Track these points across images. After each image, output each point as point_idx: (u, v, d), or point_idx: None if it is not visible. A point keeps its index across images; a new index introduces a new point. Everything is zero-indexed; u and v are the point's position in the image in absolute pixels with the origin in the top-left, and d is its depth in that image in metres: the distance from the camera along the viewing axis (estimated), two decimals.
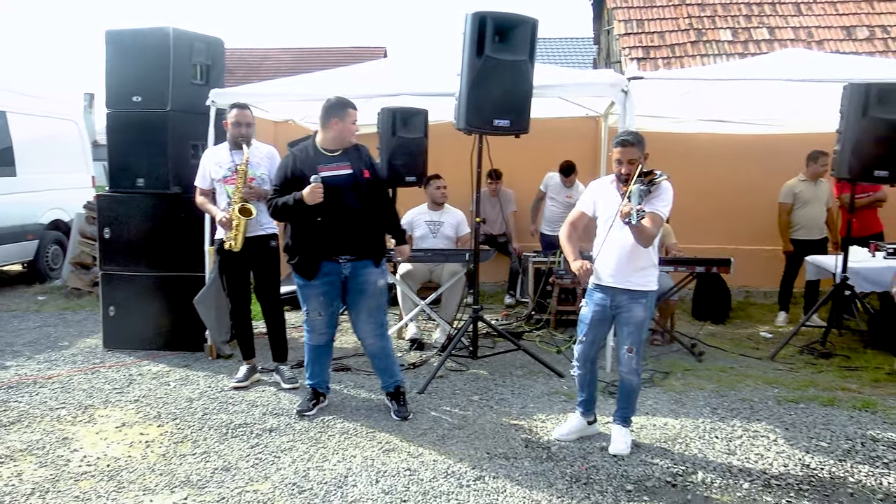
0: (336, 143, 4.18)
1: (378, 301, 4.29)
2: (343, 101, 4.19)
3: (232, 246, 4.70)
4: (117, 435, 4.06)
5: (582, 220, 3.96)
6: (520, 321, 6.87)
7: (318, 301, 4.24)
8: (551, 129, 7.19)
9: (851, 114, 5.29)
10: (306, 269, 4.17)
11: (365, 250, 4.22)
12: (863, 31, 10.49)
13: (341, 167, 4.15)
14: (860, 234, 6.46)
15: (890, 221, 7.09)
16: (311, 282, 4.19)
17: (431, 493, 3.36)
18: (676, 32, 10.97)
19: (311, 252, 4.14)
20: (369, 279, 4.22)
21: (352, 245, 4.17)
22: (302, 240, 4.15)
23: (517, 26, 4.71)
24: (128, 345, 5.76)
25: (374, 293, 4.25)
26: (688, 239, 6.91)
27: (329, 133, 4.17)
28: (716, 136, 7.86)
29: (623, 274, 3.74)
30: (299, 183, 4.08)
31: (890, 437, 3.99)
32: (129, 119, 5.71)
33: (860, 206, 6.53)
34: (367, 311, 4.26)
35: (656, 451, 3.83)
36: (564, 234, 3.95)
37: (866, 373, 5.27)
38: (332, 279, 4.20)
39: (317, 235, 4.12)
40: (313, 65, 22.89)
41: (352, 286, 4.23)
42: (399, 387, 4.39)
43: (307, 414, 4.31)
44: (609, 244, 3.76)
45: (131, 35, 5.76)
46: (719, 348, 5.94)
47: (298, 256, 4.17)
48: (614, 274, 3.76)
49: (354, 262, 4.19)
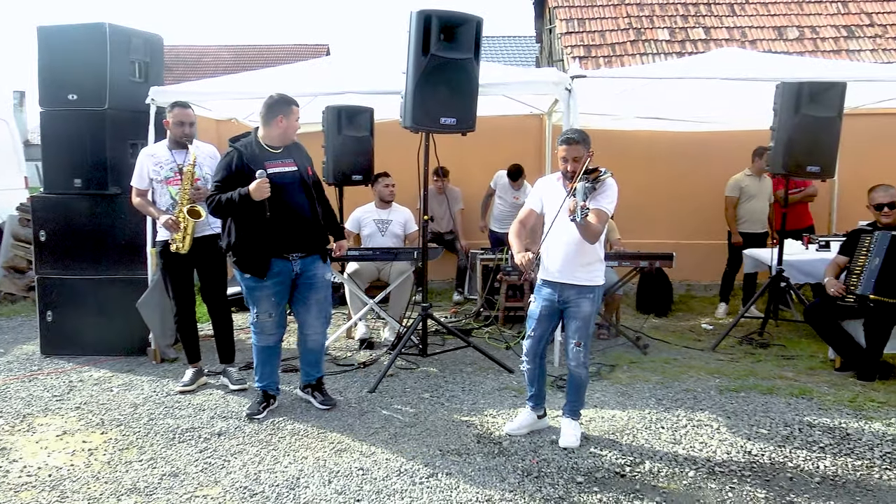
0: (280, 141, 4.18)
1: (326, 294, 4.38)
2: (287, 98, 4.18)
3: (179, 248, 4.62)
4: (58, 444, 3.94)
5: (531, 217, 4.01)
6: (468, 318, 6.91)
7: (269, 302, 4.20)
8: (496, 127, 7.24)
9: (784, 111, 5.47)
10: (258, 268, 4.11)
11: (313, 246, 4.26)
12: (793, 32, 10.87)
13: (286, 164, 4.16)
14: (793, 228, 6.71)
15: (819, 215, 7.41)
16: (262, 282, 4.13)
17: (385, 491, 3.36)
18: (616, 31, 11.20)
19: (262, 250, 4.09)
20: (317, 273, 4.28)
21: (302, 242, 4.20)
22: (250, 238, 4.09)
23: (462, 25, 4.73)
24: (67, 350, 5.59)
25: (322, 286, 4.33)
26: (630, 234, 7.07)
27: (274, 130, 4.14)
28: (654, 134, 8.05)
29: (570, 269, 3.80)
30: (244, 178, 4.02)
31: (825, 423, 4.15)
32: (65, 118, 5.54)
33: (793, 201, 6.77)
34: (318, 305, 4.32)
35: (605, 443, 3.90)
36: (513, 231, 3.99)
37: (802, 361, 5.47)
38: (282, 278, 4.18)
39: (267, 233, 4.07)
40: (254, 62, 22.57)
41: (301, 282, 4.26)
42: (321, 377, 4.52)
43: (257, 417, 4.25)
44: (556, 240, 3.81)
45: (65, 31, 5.58)
46: (663, 341, 6.09)
47: (248, 255, 4.10)
48: (561, 269, 3.82)
49: (304, 258, 4.22)
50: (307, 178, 4.22)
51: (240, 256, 4.12)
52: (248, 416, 4.25)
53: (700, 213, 8.02)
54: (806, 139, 5.42)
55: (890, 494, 3.32)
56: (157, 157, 4.77)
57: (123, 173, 5.53)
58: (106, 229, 5.56)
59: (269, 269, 4.12)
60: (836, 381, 4.95)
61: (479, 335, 6.25)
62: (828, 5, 11.27)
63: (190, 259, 4.71)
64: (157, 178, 4.75)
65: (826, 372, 5.18)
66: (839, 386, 4.82)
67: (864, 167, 7.14)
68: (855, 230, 5.32)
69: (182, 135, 4.73)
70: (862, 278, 4.96)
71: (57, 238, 5.60)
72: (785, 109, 5.46)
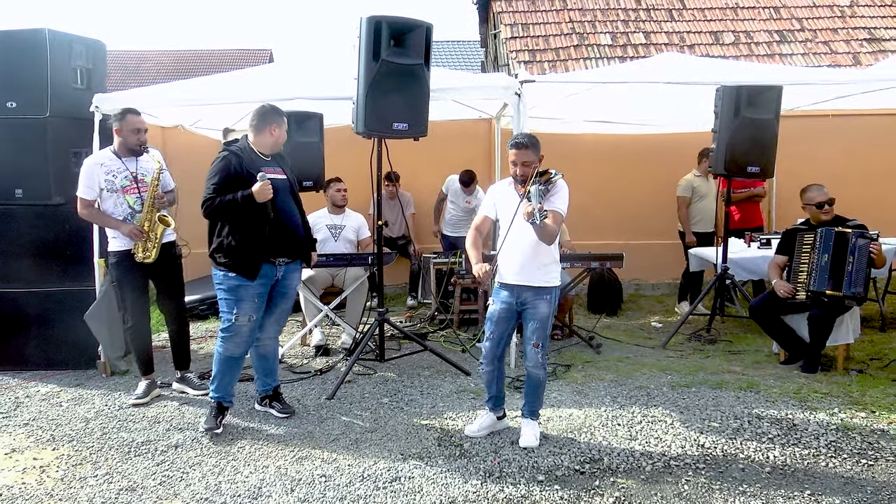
0: (270, 149, 4.26)
1: (291, 304, 4.49)
2: (277, 109, 4.30)
3: (147, 258, 4.57)
4: (8, 462, 3.82)
5: (486, 224, 4.08)
6: (423, 322, 6.93)
7: (252, 304, 4.12)
8: (446, 132, 7.28)
9: (725, 114, 5.64)
10: (249, 269, 4.08)
11: (300, 253, 4.38)
12: (729, 36, 11.23)
13: (277, 171, 4.24)
14: (742, 227, 6.93)
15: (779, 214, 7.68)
16: (250, 282, 4.08)
17: (349, 497, 3.36)
18: (560, 36, 11.38)
19: (258, 253, 4.10)
20: (293, 283, 4.41)
21: (291, 248, 4.29)
22: (248, 240, 4.08)
23: (412, 31, 4.75)
24: (11, 366, 5.40)
25: (292, 296, 4.46)
26: (579, 236, 7.19)
27: (266, 139, 4.22)
28: (600, 137, 8.21)
29: (527, 272, 3.86)
30: (242, 182, 4.05)
31: (772, 415, 4.30)
32: (4, 126, 5.36)
33: (739, 199, 6.99)
34: (281, 313, 4.43)
35: (563, 442, 3.97)
36: (470, 240, 4.04)
37: (748, 356, 5.66)
38: (265, 281, 4.19)
39: (265, 236, 4.10)
40: (196, 68, 22.21)
41: (277, 289, 4.30)
42: (278, 387, 4.52)
43: (216, 431, 4.11)
44: (511, 243, 3.87)
45: (3, 37, 5.40)
46: (615, 339, 6.22)
47: (243, 257, 4.07)
48: (518, 272, 3.87)
49: (288, 265, 4.30)
50: (295, 185, 4.40)
51: (233, 258, 4.07)
52: (206, 431, 4.13)
53: (646, 214, 8.21)
54: (746, 140, 5.61)
55: (836, 481, 3.46)
56: (106, 165, 4.65)
57: (67, 182, 5.37)
58: (50, 240, 5.41)
59: (259, 271, 4.13)
60: (782, 374, 5.13)
61: (435, 339, 6.28)
62: (761, 10, 11.67)
63: (147, 268, 4.63)
64: (111, 188, 4.63)
65: (771, 365, 5.37)
66: (784, 379, 5.00)
67: (799, 167, 7.42)
68: (790, 230, 5.50)
69: (138, 142, 4.66)
70: (814, 275, 5.11)
71: None
72: (725, 112, 5.63)
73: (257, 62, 21.84)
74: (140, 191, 4.66)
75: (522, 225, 3.72)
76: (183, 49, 27.26)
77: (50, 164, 5.36)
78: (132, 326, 4.78)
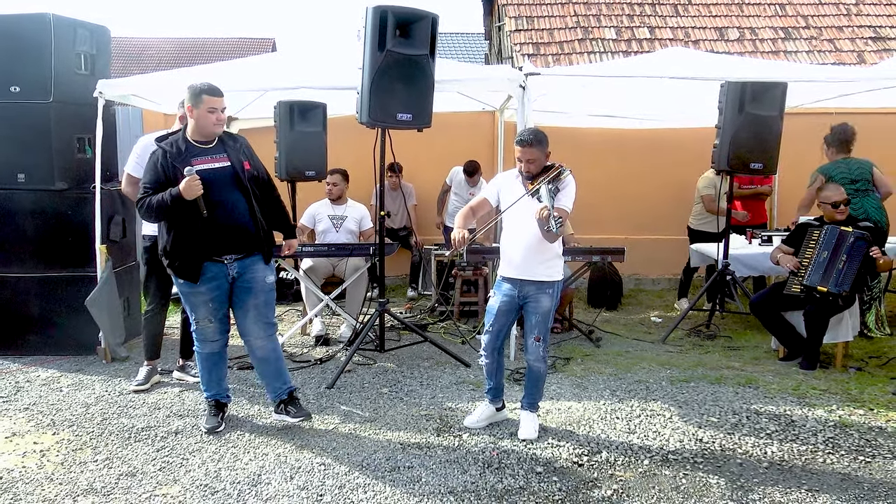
0: (202, 135, 3.86)
1: (266, 298, 4.01)
2: (200, 86, 3.82)
3: None
4: (8, 445, 3.83)
5: (483, 206, 4.02)
6: (423, 313, 6.94)
7: (207, 308, 3.91)
8: (449, 124, 7.28)
9: (729, 110, 5.64)
10: (189, 272, 3.82)
11: (252, 246, 3.93)
12: (734, 32, 11.20)
13: (217, 160, 3.84)
14: (747, 224, 6.91)
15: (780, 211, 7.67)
16: (196, 287, 3.85)
17: (348, 486, 3.37)
18: (564, 30, 11.35)
19: (194, 253, 3.81)
20: (257, 276, 3.94)
21: (237, 243, 3.88)
22: (182, 241, 3.80)
23: (418, 21, 4.74)
24: (12, 351, 5.42)
25: (261, 290, 3.96)
26: (581, 230, 7.17)
27: (192, 123, 3.86)
28: (604, 131, 8.20)
29: (530, 266, 3.85)
30: (170, 180, 3.75)
31: (771, 410, 4.32)
32: (7, 111, 5.35)
33: (745, 196, 6.98)
34: (256, 310, 3.96)
35: (562, 434, 3.98)
36: (462, 212, 3.97)
37: (747, 352, 5.67)
38: (219, 283, 3.89)
39: (198, 235, 3.79)
40: (198, 55, 22.17)
41: (239, 285, 3.94)
42: (293, 391, 4.11)
43: (218, 430, 3.99)
44: (515, 237, 3.86)
45: (6, 21, 5.37)
46: (615, 334, 6.23)
47: (181, 259, 3.82)
48: (521, 266, 3.86)
49: (242, 260, 3.91)
50: (242, 173, 3.86)
51: (172, 260, 3.85)
52: (208, 431, 3.97)
53: (648, 209, 8.21)
54: (750, 137, 5.61)
55: (833, 477, 3.48)
56: None
57: (70, 168, 5.43)
58: (52, 225, 5.41)
59: (203, 274, 3.83)
60: (780, 370, 5.14)
61: (435, 330, 6.30)
62: (766, 7, 11.65)
63: None
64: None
65: (770, 361, 5.38)
66: (783, 375, 5.01)
67: (802, 165, 7.39)
68: (802, 223, 5.49)
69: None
70: (810, 270, 5.14)
71: (0, 235, 5.42)
72: (729, 108, 5.63)
73: (260, 51, 21.80)
74: None
75: (525, 220, 3.71)
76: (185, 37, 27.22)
77: (53, 149, 5.36)
78: (151, 310, 4.76)
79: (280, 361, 4.09)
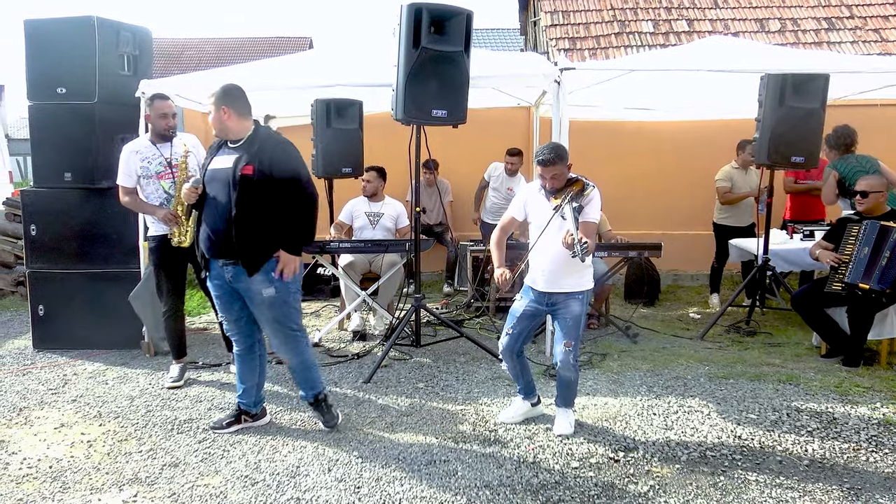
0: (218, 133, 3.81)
1: (274, 314, 3.78)
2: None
3: (182, 242, 4.61)
4: (57, 436, 3.95)
5: (512, 224, 4.06)
6: (459, 309, 6.96)
7: (218, 302, 3.94)
8: (484, 120, 7.29)
9: (769, 103, 5.54)
10: (197, 261, 3.94)
11: (227, 252, 3.72)
12: (775, 24, 10.99)
13: (227, 161, 3.73)
14: (802, 219, 6.79)
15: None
16: (208, 279, 3.90)
17: (385, 478, 3.41)
18: (601, 24, 11.27)
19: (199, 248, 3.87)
20: (251, 288, 3.72)
21: (222, 248, 3.73)
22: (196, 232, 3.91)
23: (452, 18, 4.75)
24: (59, 344, 5.59)
25: (260, 303, 3.75)
26: (617, 225, 7.13)
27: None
28: (640, 125, 8.13)
29: (556, 281, 3.81)
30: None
31: (812, 408, 4.25)
32: (54, 111, 5.51)
33: (800, 191, 6.87)
34: (266, 323, 3.84)
35: (598, 430, 3.97)
36: (494, 240, 4.02)
37: (788, 348, 5.58)
38: (220, 283, 3.84)
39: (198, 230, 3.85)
40: (237, 55, 22.47)
41: (242, 293, 3.81)
42: (318, 395, 3.98)
43: (218, 430, 3.97)
44: (542, 252, 3.82)
45: (53, 25, 5.55)
46: (652, 330, 6.18)
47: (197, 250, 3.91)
48: (548, 280, 3.83)
49: (233, 266, 3.74)
50: (235, 177, 3.64)
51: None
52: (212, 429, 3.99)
53: (686, 203, 8.12)
54: (790, 130, 5.50)
55: (876, 476, 3.41)
56: (141, 153, 4.76)
57: (114, 167, 5.50)
58: (97, 223, 5.56)
59: (210, 270, 3.86)
60: (822, 367, 5.05)
61: (471, 326, 6.31)
62: None
63: (186, 252, 4.71)
64: (146, 174, 4.74)
65: (812, 358, 5.29)
66: (825, 372, 4.93)
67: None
68: (842, 218, 5.40)
69: (166, 127, 4.75)
70: (851, 267, 5.04)
71: (48, 232, 5.59)
72: (769, 101, 5.52)
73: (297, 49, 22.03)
74: (174, 176, 4.73)
75: (552, 235, 3.69)
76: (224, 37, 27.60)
77: (97, 148, 5.49)
78: (167, 310, 4.84)
79: (307, 371, 3.94)
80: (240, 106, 3.77)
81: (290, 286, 3.80)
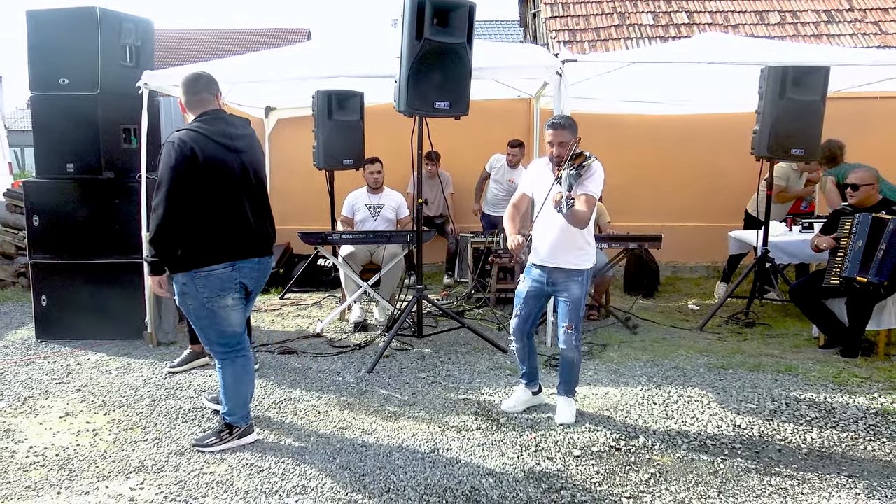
0: None
1: (192, 319, 3.59)
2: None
3: None
4: (62, 424, 3.98)
5: (524, 201, 4.08)
6: (460, 300, 6.99)
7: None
8: (485, 111, 7.28)
9: (769, 95, 5.57)
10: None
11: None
12: (774, 16, 10.99)
13: None
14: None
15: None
16: None
17: (388, 466, 3.45)
18: (600, 16, 11.25)
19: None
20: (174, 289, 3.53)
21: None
22: None
23: (455, 9, 4.76)
24: (62, 335, 5.62)
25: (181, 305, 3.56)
26: (617, 217, 7.17)
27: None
28: (641, 117, 8.15)
29: (559, 253, 3.87)
30: None
31: (811, 398, 4.29)
32: (57, 102, 5.51)
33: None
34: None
35: (600, 419, 4.01)
36: (507, 215, 4.06)
37: (787, 339, 5.62)
38: None
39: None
40: (235, 46, 22.43)
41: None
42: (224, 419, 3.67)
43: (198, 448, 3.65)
44: (544, 225, 3.87)
45: (55, 15, 5.53)
46: (651, 321, 6.22)
47: None
48: (550, 253, 3.88)
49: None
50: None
51: None
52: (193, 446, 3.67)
53: (686, 196, 8.15)
54: (790, 122, 5.53)
55: (874, 463, 3.46)
56: None
57: (116, 158, 5.56)
58: (99, 214, 5.57)
59: None
60: (821, 358, 5.10)
61: (472, 317, 6.35)
62: None
63: None
64: None
65: (810, 349, 5.33)
66: (824, 363, 4.97)
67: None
68: (835, 211, 5.45)
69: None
70: (847, 261, 5.08)
71: (50, 223, 5.61)
72: (770, 93, 5.56)
73: (295, 41, 21.99)
74: None
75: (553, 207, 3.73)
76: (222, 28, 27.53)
77: (100, 139, 5.49)
78: None
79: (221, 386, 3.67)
80: (187, 96, 3.56)
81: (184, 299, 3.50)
